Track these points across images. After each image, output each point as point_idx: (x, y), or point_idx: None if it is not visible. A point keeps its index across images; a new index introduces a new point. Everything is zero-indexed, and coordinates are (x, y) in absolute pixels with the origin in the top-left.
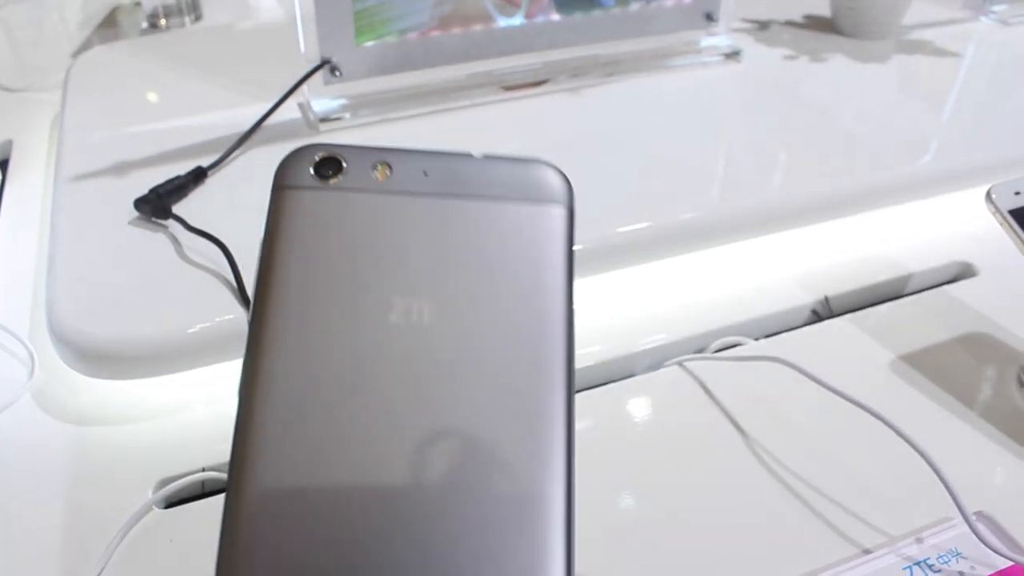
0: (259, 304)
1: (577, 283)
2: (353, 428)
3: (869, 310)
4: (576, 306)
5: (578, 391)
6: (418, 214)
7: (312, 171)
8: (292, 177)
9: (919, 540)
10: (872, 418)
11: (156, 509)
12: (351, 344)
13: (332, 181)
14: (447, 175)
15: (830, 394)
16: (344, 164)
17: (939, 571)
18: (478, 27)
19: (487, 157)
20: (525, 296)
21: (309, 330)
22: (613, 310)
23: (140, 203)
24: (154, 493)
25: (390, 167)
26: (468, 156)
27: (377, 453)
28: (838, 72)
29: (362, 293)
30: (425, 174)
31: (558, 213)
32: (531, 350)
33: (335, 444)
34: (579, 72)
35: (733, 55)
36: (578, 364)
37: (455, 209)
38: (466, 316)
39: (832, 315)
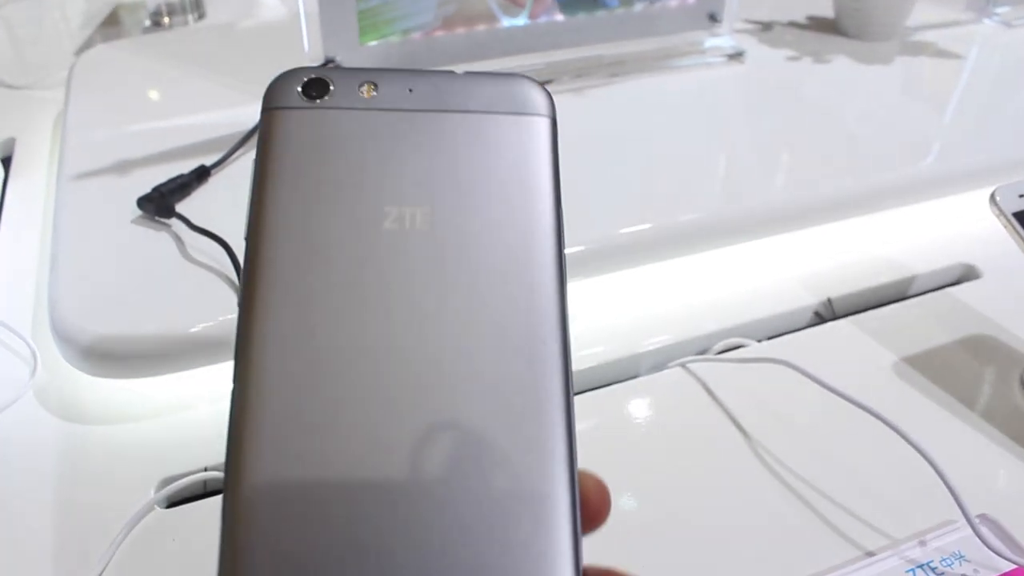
0: (256, 220)
1: (580, 284)
2: (354, 341)
3: (872, 312)
4: (565, 235)
5: (581, 392)
6: (405, 128)
7: (300, 92)
8: (280, 98)
9: (922, 543)
10: (875, 420)
11: (158, 508)
12: (348, 251)
13: (320, 101)
14: (432, 91)
15: (833, 396)
16: (331, 85)
17: (942, 574)
18: (482, 27)
19: (469, 74)
20: (514, 201)
21: (305, 240)
22: (616, 311)
23: (143, 201)
24: (156, 492)
25: (376, 86)
26: (451, 73)
27: (376, 368)
28: (841, 73)
29: (355, 202)
30: (410, 91)
31: (542, 123)
32: (523, 249)
33: (336, 363)
34: (583, 72)
35: (736, 56)
36: (581, 366)
37: (441, 122)
38: (458, 220)
39: (835, 317)
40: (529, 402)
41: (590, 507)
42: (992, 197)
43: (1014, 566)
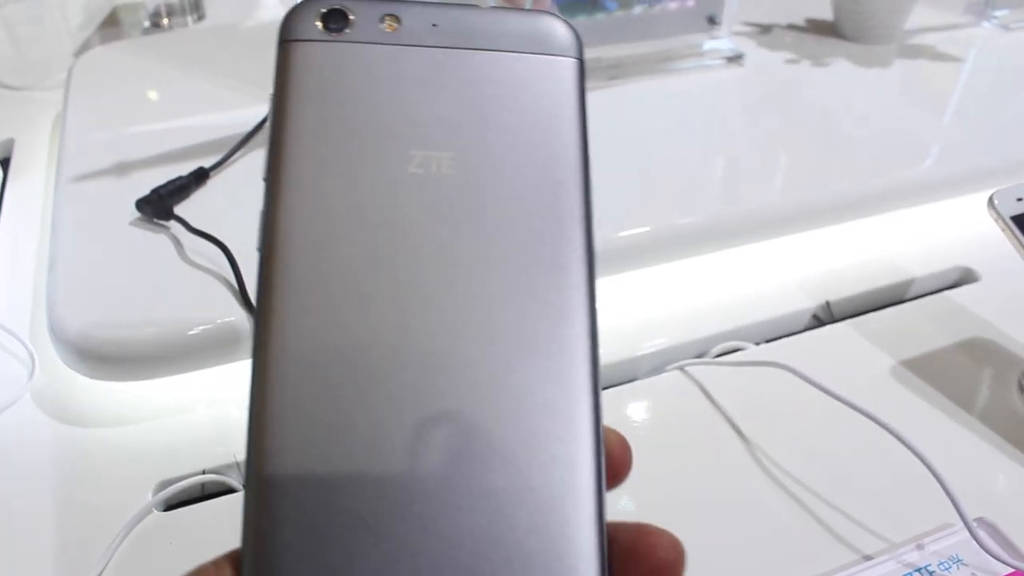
0: (274, 160)
1: None
2: (377, 285)
3: (871, 315)
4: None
5: None
6: (429, 66)
7: (319, 24)
8: (298, 30)
9: (920, 546)
10: (873, 423)
11: (156, 511)
12: (372, 196)
13: (340, 34)
14: (456, 27)
15: (831, 399)
16: (351, 17)
17: None
18: None
19: (495, 9)
20: (542, 142)
21: (328, 182)
22: (615, 314)
23: (141, 203)
24: (154, 495)
25: (399, 19)
26: (476, 8)
27: (400, 308)
28: (840, 76)
29: (379, 144)
30: (434, 25)
31: (569, 63)
32: (551, 195)
33: (361, 314)
34: None
35: (735, 58)
36: None
37: (466, 60)
38: (485, 167)
39: (834, 320)
40: (554, 362)
41: (613, 462)
42: (990, 201)
43: (1012, 570)
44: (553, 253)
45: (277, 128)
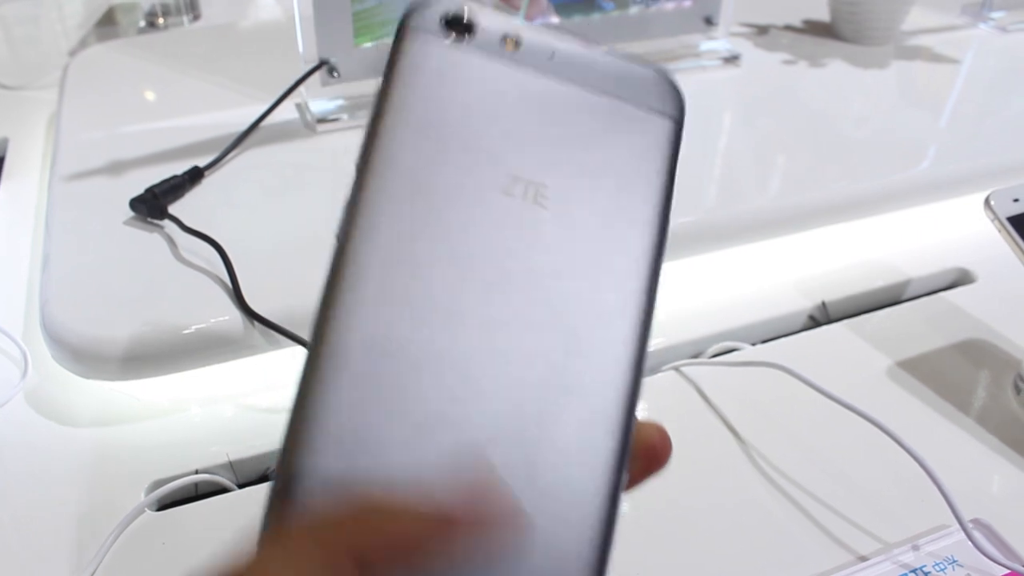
0: (370, 149)
1: None
2: (452, 301)
3: (866, 316)
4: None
5: None
6: (539, 94)
7: (444, 23)
8: (423, 21)
9: (915, 547)
10: (869, 424)
11: (149, 511)
12: (460, 208)
13: (461, 38)
14: (572, 62)
15: (827, 400)
16: (476, 26)
17: None
18: None
19: (611, 52)
20: (629, 193)
21: (420, 184)
22: None
23: (136, 203)
24: (147, 495)
25: (518, 42)
26: (597, 47)
27: (466, 333)
28: (837, 77)
29: (477, 157)
30: (552, 56)
31: (670, 126)
32: (629, 247)
33: (431, 312)
34: None
35: (732, 59)
36: None
37: (575, 98)
38: (574, 201)
39: (830, 321)
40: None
41: (656, 452)
42: (986, 201)
43: (1007, 571)
44: (616, 313)
45: (379, 116)
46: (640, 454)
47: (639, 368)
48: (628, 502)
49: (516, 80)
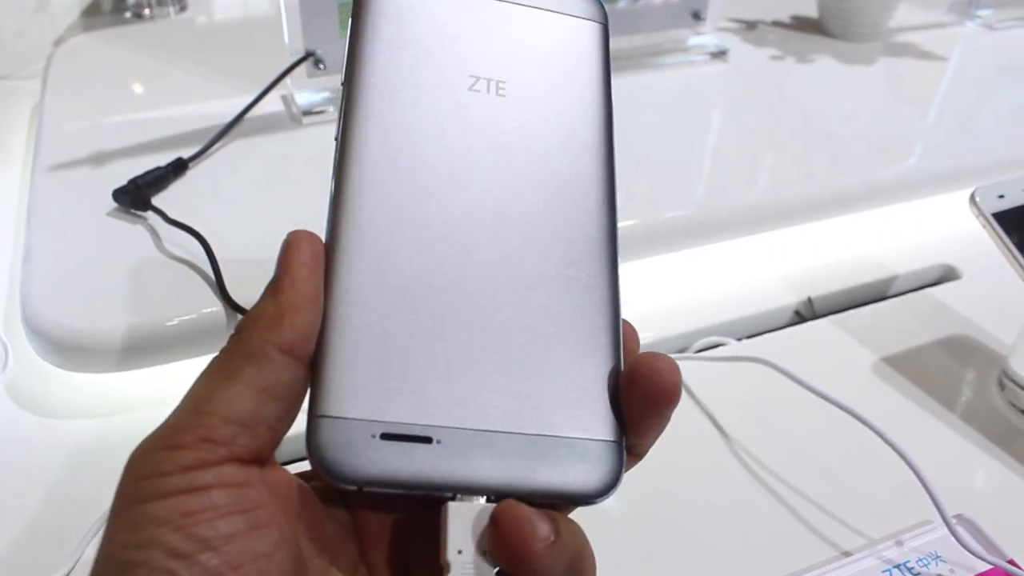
0: (352, 64)
1: None
2: (440, 191)
3: (852, 312)
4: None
5: None
6: (486, 13)
7: None
8: None
9: (899, 543)
10: (854, 420)
11: None
12: (439, 103)
13: None
14: None
15: (812, 395)
16: None
17: (918, 574)
18: None
19: None
20: (575, 81)
21: (402, 88)
22: None
23: (119, 194)
24: None
25: None
26: None
27: (457, 221)
28: (824, 73)
29: (444, 66)
30: None
31: (598, 28)
32: (580, 133)
33: (421, 208)
34: None
35: (720, 54)
36: None
37: (516, 13)
38: (530, 93)
39: (815, 316)
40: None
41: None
42: (972, 198)
43: (990, 566)
44: (582, 176)
45: (357, 35)
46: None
47: (612, 210)
48: (612, 496)
49: (462, 5)
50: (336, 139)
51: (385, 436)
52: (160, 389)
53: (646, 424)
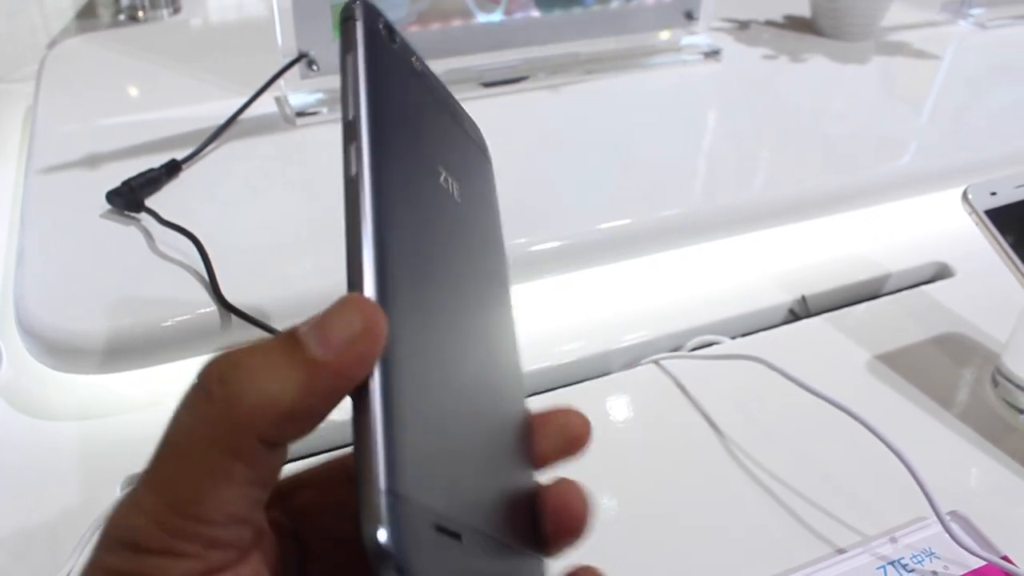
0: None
1: (554, 280)
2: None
3: (846, 310)
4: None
5: (554, 389)
6: (441, 109)
7: (383, 25)
8: (373, 19)
9: (893, 540)
10: (848, 417)
11: None
12: (423, 191)
13: (394, 45)
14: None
15: (806, 393)
16: (396, 40)
17: (912, 571)
18: (457, 23)
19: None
20: (491, 214)
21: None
22: (590, 307)
23: (112, 196)
24: (123, 490)
25: (422, 63)
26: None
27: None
28: (817, 72)
29: (421, 151)
30: (439, 85)
31: (488, 165)
32: (494, 262)
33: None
34: (558, 69)
35: (713, 54)
36: (555, 362)
37: (452, 115)
38: (472, 208)
39: (809, 314)
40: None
41: (574, 431)
42: (964, 195)
43: (984, 562)
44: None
45: (356, 86)
46: (556, 433)
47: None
48: (606, 495)
49: (427, 91)
50: (352, 176)
51: (439, 528)
52: (154, 390)
53: (563, 544)
